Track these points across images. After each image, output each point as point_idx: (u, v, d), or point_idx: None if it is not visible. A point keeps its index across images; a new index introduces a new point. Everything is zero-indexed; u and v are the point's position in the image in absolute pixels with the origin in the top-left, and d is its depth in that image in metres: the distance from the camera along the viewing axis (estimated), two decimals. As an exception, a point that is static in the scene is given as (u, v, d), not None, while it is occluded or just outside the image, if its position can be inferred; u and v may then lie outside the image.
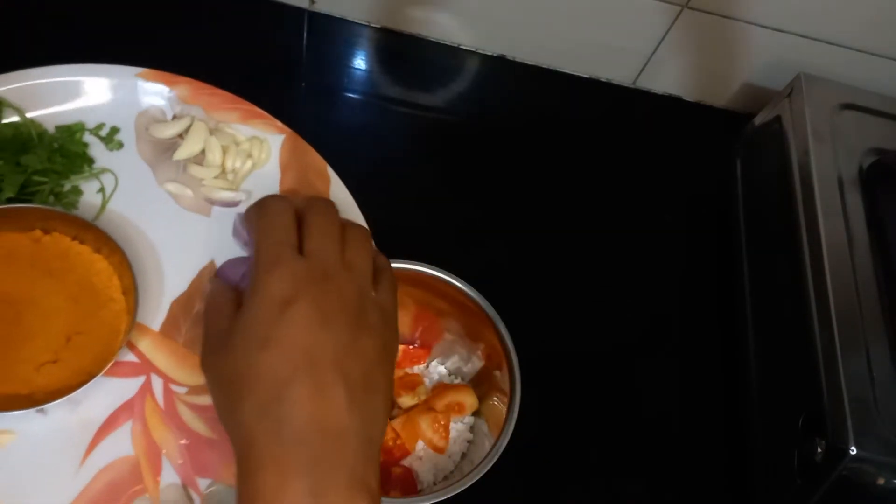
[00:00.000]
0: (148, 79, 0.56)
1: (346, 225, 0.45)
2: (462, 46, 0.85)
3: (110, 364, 0.46)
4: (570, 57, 0.86)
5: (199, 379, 0.49)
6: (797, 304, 0.63)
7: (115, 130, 0.55)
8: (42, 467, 0.45)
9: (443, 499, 0.54)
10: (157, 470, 0.46)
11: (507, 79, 0.86)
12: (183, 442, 0.47)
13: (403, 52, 0.85)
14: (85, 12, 0.75)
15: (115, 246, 0.48)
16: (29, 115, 0.53)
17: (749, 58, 0.84)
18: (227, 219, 0.54)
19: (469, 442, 0.62)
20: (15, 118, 0.52)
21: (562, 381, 0.69)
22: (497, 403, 0.61)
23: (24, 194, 0.50)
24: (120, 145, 0.55)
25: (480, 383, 0.64)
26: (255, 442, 0.38)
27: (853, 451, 0.54)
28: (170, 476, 0.46)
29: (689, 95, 0.90)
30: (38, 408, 0.44)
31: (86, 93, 0.55)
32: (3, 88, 0.53)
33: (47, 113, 0.54)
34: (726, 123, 0.88)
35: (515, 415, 0.58)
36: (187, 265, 0.52)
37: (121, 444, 0.46)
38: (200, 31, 0.80)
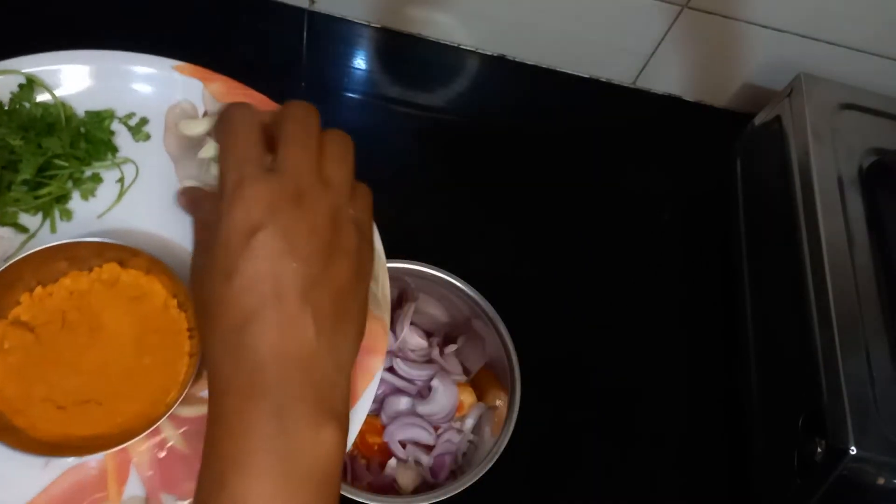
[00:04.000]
0: (184, 73, 0.55)
1: (326, 134, 0.42)
2: (462, 46, 0.85)
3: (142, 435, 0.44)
4: (570, 57, 0.86)
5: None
6: (797, 305, 0.63)
7: (143, 121, 0.54)
8: (8, 460, 0.43)
9: (443, 498, 0.55)
10: (123, 479, 0.45)
11: (507, 79, 0.86)
12: (159, 454, 0.46)
13: (403, 52, 0.85)
14: (79, 12, 0.75)
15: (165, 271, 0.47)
16: (60, 96, 0.52)
17: (749, 58, 0.84)
18: None
19: (470, 442, 0.62)
20: (47, 97, 0.52)
21: (561, 381, 0.69)
22: (497, 403, 0.61)
23: (42, 178, 0.49)
24: (147, 136, 0.54)
25: (480, 383, 0.64)
26: (219, 369, 0.38)
27: (853, 451, 0.54)
28: (134, 488, 0.45)
29: (689, 95, 0.90)
30: None
31: (118, 80, 0.54)
32: (37, 69, 0.52)
33: (78, 96, 0.53)
34: (726, 123, 0.88)
35: (515, 415, 0.58)
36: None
37: None
38: (201, 31, 0.80)
